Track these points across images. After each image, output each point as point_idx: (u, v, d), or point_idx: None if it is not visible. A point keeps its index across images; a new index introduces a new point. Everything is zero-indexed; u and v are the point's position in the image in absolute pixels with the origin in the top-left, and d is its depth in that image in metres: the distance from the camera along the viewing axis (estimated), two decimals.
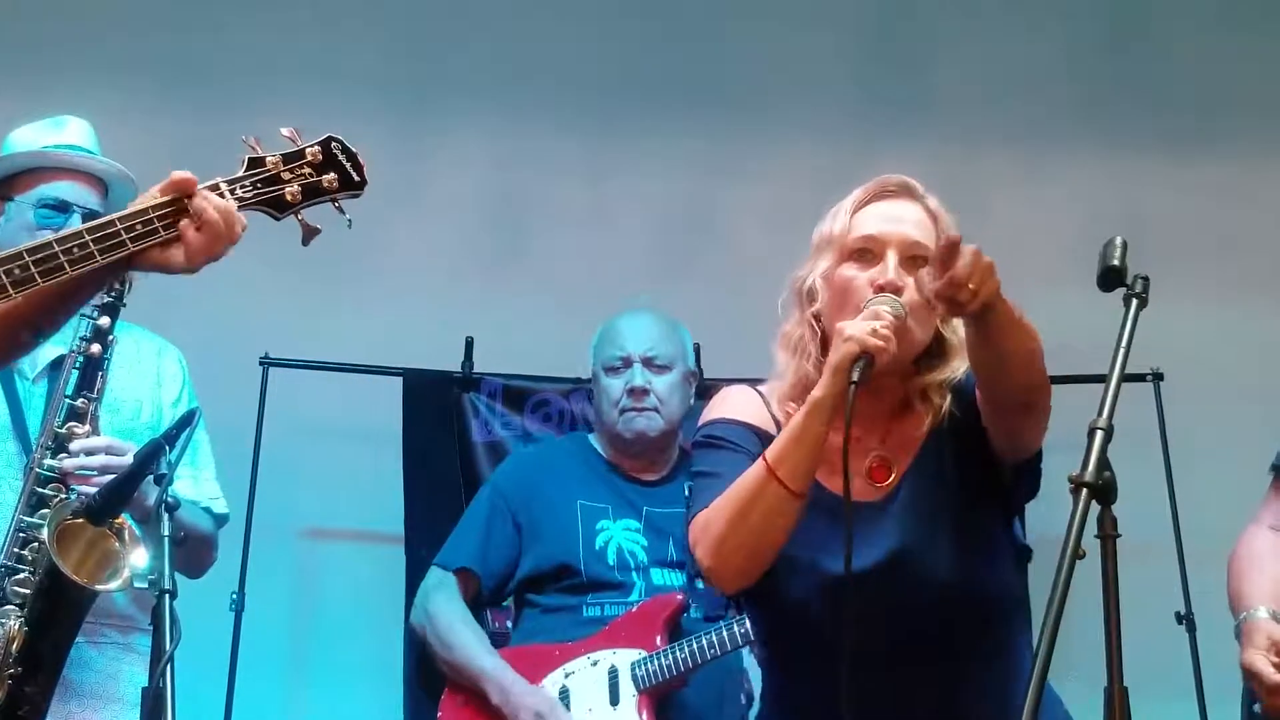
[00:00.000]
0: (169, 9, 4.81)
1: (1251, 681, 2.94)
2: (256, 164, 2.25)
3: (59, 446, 2.85)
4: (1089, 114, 4.92)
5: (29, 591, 2.72)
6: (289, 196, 2.25)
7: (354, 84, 4.74)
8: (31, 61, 4.60)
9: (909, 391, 2.39)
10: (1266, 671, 2.90)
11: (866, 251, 2.35)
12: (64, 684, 2.72)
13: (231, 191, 2.21)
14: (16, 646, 2.62)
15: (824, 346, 2.34)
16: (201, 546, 3.10)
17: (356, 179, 2.29)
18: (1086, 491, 1.94)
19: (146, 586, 2.60)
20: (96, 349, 2.87)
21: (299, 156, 2.27)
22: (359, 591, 4.56)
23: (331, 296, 4.57)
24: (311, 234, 2.26)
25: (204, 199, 2.16)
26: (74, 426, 2.87)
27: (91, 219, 2.34)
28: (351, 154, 2.30)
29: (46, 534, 2.62)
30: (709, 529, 2.31)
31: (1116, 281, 2.11)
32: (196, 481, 3.11)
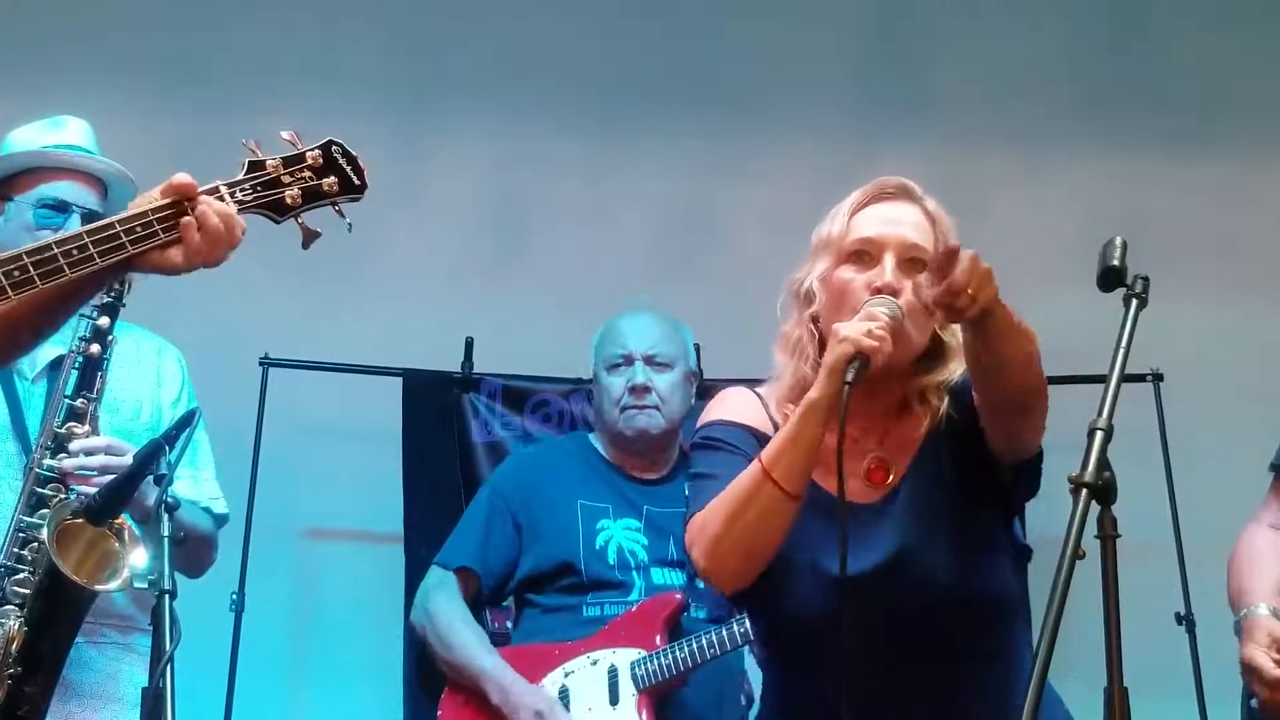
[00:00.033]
0: (169, 9, 4.81)
1: (1250, 676, 2.95)
2: (256, 167, 2.24)
3: (58, 446, 2.85)
4: (1089, 114, 4.91)
5: (29, 591, 2.72)
6: (289, 200, 2.24)
7: (354, 84, 4.74)
8: (31, 61, 4.60)
9: (907, 393, 2.39)
10: (1266, 666, 2.91)
11: (864, 254, 2.35)
12: (64, 684, 2.72)
13: (231, 195, 2.20)
14: (16, 646, 2.62)
15: (822, 348, 2.33)
16: (201, 547, 3.09)
17: (357, 183, 2.28)
18: (1086, 492, 1.94)
19: (146, 586, 2.60)
20: (96, 349, 2.87)
21: (299, 160, 2.26)
22: (359, 591, 4.56)
23: (331, 297, 4.57)
24: (311, 238, 2.25)
25: (206, 205, 2.16)
26: (73, 426, 2.87)
27: (91, 219, 2.34)
28: (352, 157, 2.29)
29: (46, 534, 2.62)
30: (705, 530, 2.31)
31: (1116, 282, 2.11)
32: (196, 481, 3.11)
